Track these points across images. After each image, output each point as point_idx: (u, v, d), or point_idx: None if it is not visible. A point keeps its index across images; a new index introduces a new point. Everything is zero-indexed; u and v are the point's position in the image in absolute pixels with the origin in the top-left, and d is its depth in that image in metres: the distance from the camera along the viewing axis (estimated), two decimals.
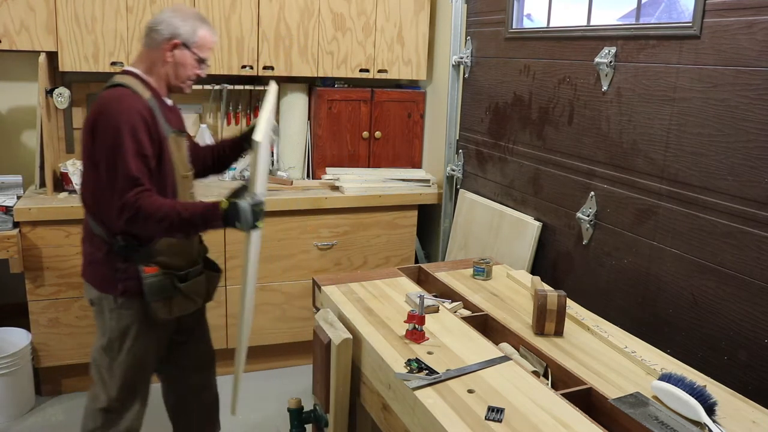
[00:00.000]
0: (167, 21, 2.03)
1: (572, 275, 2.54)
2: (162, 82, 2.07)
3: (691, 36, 1.98)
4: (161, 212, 1.87)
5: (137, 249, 1.99)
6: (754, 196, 1.80)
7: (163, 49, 2.03)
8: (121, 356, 2.08)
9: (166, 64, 2.04)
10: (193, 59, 2.06)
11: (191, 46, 2.04)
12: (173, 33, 2.02)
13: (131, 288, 2.01)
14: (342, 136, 3.61)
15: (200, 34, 2.05)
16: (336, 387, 1.86)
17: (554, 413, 1.48)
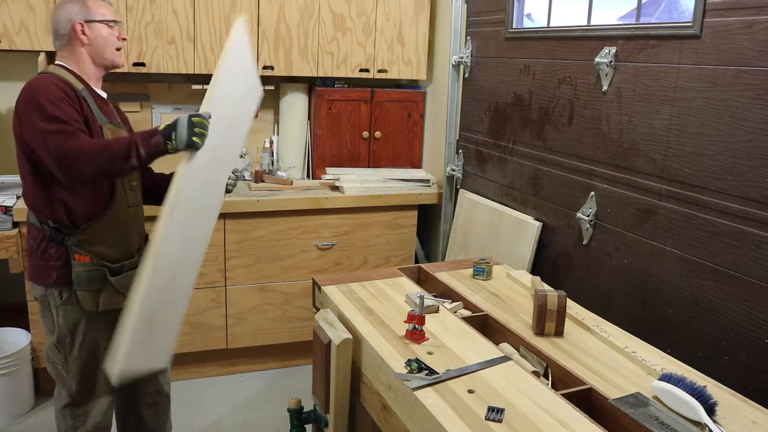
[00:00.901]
0: (59, 16, 2.07)
1: (572, 275, 2.54)
2: (92, 68, 2.10)
3: (691, 36, 1.97)
4: (96, 146, 1.86)
5: (69, 233, 1.99)
6: (754, 196, 1.80)
7: (74, 40, 2.06)
8: (74, 351, 2.08)
9: (86, 47, 2.07)
10: (105, 27, 2.08)
11: (94, 17, 2.06)
12: (70, 19, 2.05)
13: (63, 276, 2.00)
14: (342, 136, 3.61)
15: (90, 4, 2.07)
16: (336, 387, 1.85)
17: (554, 413, 1.47)
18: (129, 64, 3.10)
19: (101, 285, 2.03)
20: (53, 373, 2.15)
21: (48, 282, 2.02)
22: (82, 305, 2.03)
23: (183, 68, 3.19)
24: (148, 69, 3.13)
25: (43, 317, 2.11)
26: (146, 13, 3.07)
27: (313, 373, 2.05)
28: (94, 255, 2.02)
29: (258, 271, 3.23)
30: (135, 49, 3.10)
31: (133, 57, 3.10)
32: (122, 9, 3.03)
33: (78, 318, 2.05)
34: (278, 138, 3.61)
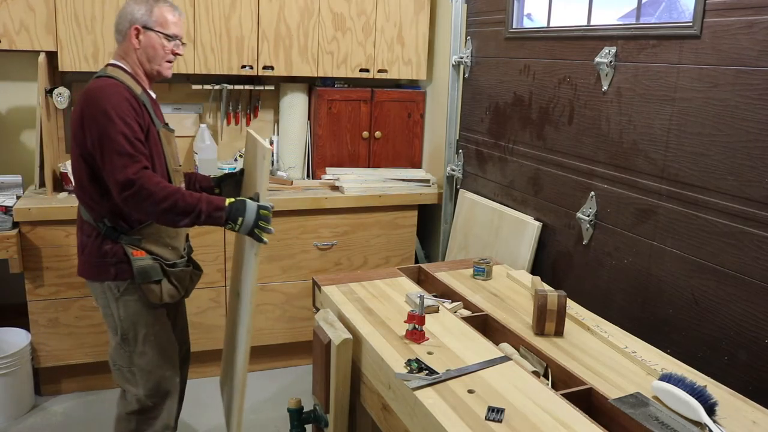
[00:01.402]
0: (124, 13, 2.07)
1: (572, 275, 2.54)
2: (141, 72, 2.10)
3: (691, 36, 1.97)
4: (164, 192, 1.87)
5: (124, 232, 2.02)
6: (754, 196, 1.80)
7: (129, 40, 2.06)
8: (138, 347, 2.07)
9: (137, 51, 2.07)
10: (160, 38, 2.07)
11: (153, 27, 2.06)
12: (131, 20, 2.05)
13: (123, 272, 2.02)
14: (342, 136, 3.61)
15: (157, 13, 2.06)
16: (336, 387, 1.85)
17: (554, 413, 1.47)
18: None
19: (161, 277, 2.06)
20: (119, 378, 2.14)
21: (106, 278, 2.04)
22: (149, 298, 2.05)
23: (183, 68, 3.19)
24: None
25: (105, 316, 2.11)
26: None
27: (313, 373, 2.05)
28: (148, 252, 2.05)
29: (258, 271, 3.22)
30: None
31: None
32: None
33: (138, 309, 2.06)
34: (278, 138, 3.61)
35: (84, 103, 1.96)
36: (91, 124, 1.92)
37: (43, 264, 2.88)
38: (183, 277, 2.15)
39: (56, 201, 2.92)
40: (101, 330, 3.03)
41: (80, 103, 1.97)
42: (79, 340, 3.00)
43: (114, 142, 1.88)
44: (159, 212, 1.90)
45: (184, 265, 2.16)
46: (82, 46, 3.01)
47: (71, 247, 2.90)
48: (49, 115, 3.02)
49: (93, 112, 1.92)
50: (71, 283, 2.93)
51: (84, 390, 3.13)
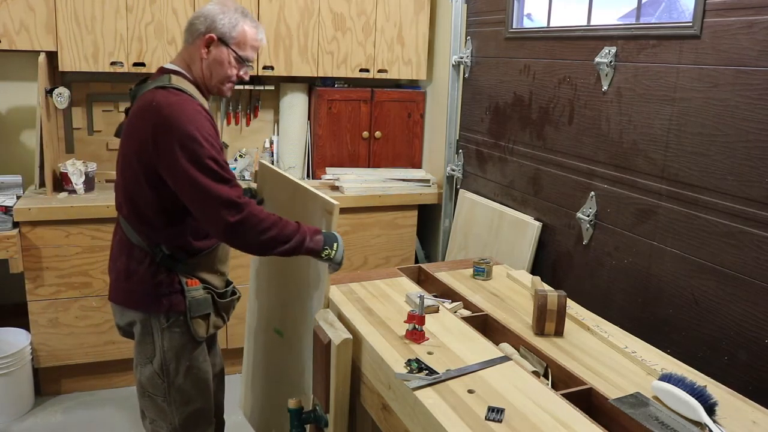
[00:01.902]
0: (205, 14, 1.87)
1: (572, 275, 2.54)
2: (202, 82, 1.91)
3: (691, 36, 1.97)
4: (270, 219, 1.75)
5: (182, 260, 1.86)
6: (754, 196, 1.80)
7: (198, 45, 1.87)
8: (179, 378, 1.92)
9: (202, 62, 1.88)
10: (232, 57, 1.88)
11: (229, 42, 1.86)
12: (209, 26, 1.85)
13: (177, 303, 1.87)
14: (342, 136, 3.61)
15: (240, 29, 1.87)
16: (336, 387, 1.85)
17: (554, 413, 1.47)
18: (129, 64, 3.11)
19: (211, 310, 1.94)
20: (151, 407, 1.97)
21: (158, 310, 1.87)
22: (198, 332, 1.92)
23: None
24: (148, 69, 3.13)
25: (141, 343, 1.92)
26: (146, 12, 3.07)
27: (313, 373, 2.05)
28: (201, 281, 1.93)
29: None
30: (135, 49, 3.10)
31: (133, 57, 3.10)
32: (122, 9, 3.03)
33: (184, 342, 1.91)
34: (278, 138, 3.61)
35: (157, 121, 1.72)
36: (172, 148, 1.70)
37: (44, 264, 2.88)
38: (229, 306, 2.04)
39: (56, 201, 2.92)
40: (101, 330, 3.03)
41: (150, 120, 1.74)
42: (79, 340, 3.00)
43: (207, 168, 1.70)
44: (263, 241, 1.77)
45: (231, 293, 2.05)
46: (82, 46, 3.01)
47: (71, 247, 2.90)
48: (49, 115, 3.02)
49: (174, 135, 1.70)
50: (71, 283, 2.94)
51: (84, 390, 3.14)
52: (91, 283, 2.97)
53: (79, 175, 3.05)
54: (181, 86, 1.82)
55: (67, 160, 3.16)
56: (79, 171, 3.05)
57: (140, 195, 1.82)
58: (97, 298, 2.99)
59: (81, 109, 3.31)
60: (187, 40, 1.90)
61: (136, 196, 1.83)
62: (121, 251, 1.90)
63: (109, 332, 3.03)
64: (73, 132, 3.33)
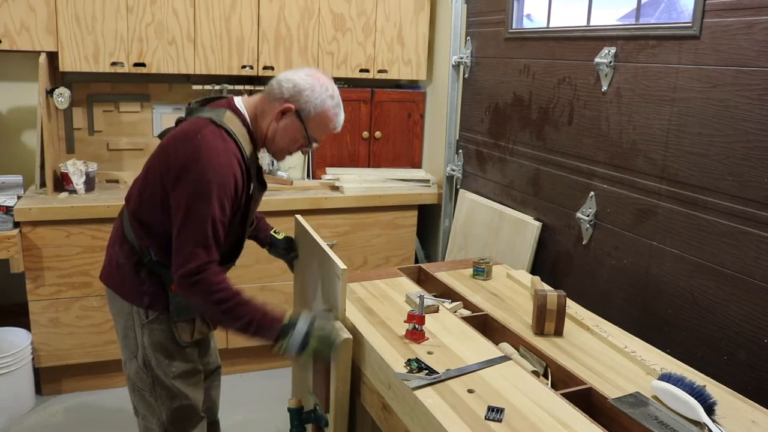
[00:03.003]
0: (295, 81, 1.82)
1: (572, 275, 2.54)
2: (261, 137, 1.88)
3: (691, 36, 1.98)
4: (221, 294, 1.72)
5: (167, 266, 1.85)
6: (754, 196, 1.80)
7: (275, 107, 1.82)
8: (162, 375, 1.92)
9: (270, 123, 1.84)
10: (302, 134, 1.84)
11: (305, 120, 1.82)
12: (293, 96, 1.81)
13: (157, 303, 1.88)
14: (342, 136, 3.61)
15: (321, 112, 1.82)
16: (336, 387, 1.86)
17: (554, 413, 1.48)
18: (129, 64, 3.11)
19: (196, 314, 1.93)
20: (139, 403, 1.99)
21: (138, 304, 1.88)
22: (182, 337, 1.91)
23: (183, 68, 3.19)
24: (148, 69, 3.14)
25: (125, 338, 1.94)
26: (146, 13, 3.07)
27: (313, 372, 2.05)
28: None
29: (258, 271, 3.23)
30: (135, 49, 3.10)
31: (134, 57, 3.11)
32: (122, 9, 3.03)
33: (163, 341, 1.91)
34: None
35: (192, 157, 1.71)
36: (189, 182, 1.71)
37: (44, 264, 2.88)
38: None
39: (57, 201, 2.92)
40: (101, 330, 3.03)
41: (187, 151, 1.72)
42: (79, 340, 3.00)
43: (200, 221, 1.70)
44: (205, 310, 1.79)
45: None
46: (83, 46, 3.02)
47: (72, 247, 2.91)
48: (50, 116, 3.02)
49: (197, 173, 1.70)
50: (72, 283, 2.94)
51: (84, 390, 3.14)
52: (92, 283, 2.97)
53: (80, 175, 3.05)
54: (231, 128, 1.78)
55: (67, 160, 3.17)
56: (79, 171, 3.06)
57: (151, 206, 1.83)
58: (98, 298, 2.99)
59: (81, 110, 3.31)
60: (268, 94, 1.85)
61: (146, 204, 1.84)
62: (116, 240, 1.93)
63: (110, 332, 3.03)
64: (73, 132, 3.33)
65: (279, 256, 2.26)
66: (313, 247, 2.05)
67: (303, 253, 2.19)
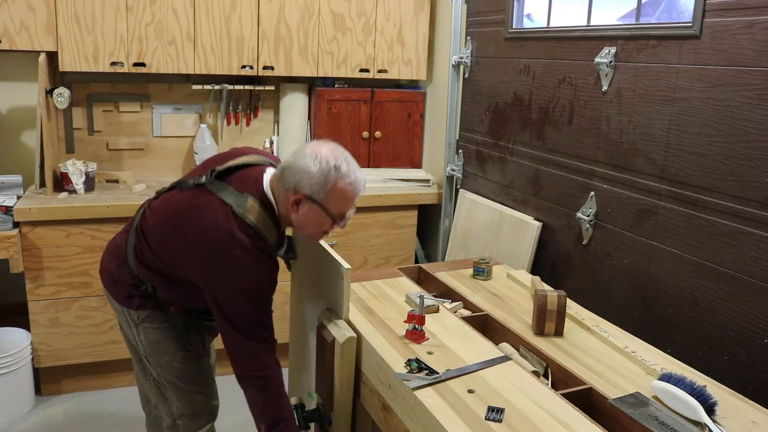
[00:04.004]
0: (296, 167, 1.69)
1: (572, 275, 2.54)
2: (286, 221, 1.81)
3: (691, 36, 1.98)
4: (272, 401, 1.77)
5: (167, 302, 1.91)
6: (754, 196, 1.80)
7: (287, 197, 1.72)
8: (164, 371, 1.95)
9: (291, 213, 1.74)
10: (324, 216, 1.72)
11: (320, 202, 1.70)
12: (297, 185, 1.69)
13: (145, 304, 1.91)
14: (342, 136, 3.61)
15: (331, 189, 1.69)
16: (340, 385, 1.86)
17: (554, 413, 1.47)
18: (129, 64, 3.11)
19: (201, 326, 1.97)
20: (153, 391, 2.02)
21: (128, 306, 1.91)
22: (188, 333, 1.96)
23: (183, 68, 3.19)
24: (148, 69, 3.13)
25: (125, 334, 2.00)
26: (146, 13, 3.07)
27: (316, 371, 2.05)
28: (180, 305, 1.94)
29: None
30: (135, 49, 3.10)
31: (134, 57, 3.11)
32: (122, 9, 3.03)
33: (158, 338, 1.93)
34: (278, 138, 3.61)
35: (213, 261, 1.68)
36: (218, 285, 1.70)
37: (44, 264, 2.88)
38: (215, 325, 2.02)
39: (56, 201, 2.92)
40: (101, 330, 3.03)
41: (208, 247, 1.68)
42: (79, 340, 3.00)
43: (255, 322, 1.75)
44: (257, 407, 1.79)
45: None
46: (83, 46, 3.02)
47: (72, 247, 2.90)
48: (50, 115, 3.02)
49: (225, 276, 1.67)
50: (72, 283, 2.94)
51: (84, 390, 3.14)
52: (92, 283, 2.97)
53: (80, 175, 3.05)
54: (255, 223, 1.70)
55: (67, 160, 3.16)
56: (79, 171, 3.06)
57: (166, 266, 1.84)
58: (98, 298, 2.99)
59: (81, 109, 3.31)
60: (278, 181, 1.75)
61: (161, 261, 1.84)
62: (115, 255, 1.95)
63: (109, 332, 3.03)
64: (73, 132, 3.33)
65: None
66: (313, 247, 2.04)
67: (302, 253, 2.19)
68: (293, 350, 2.37)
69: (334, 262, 1.86)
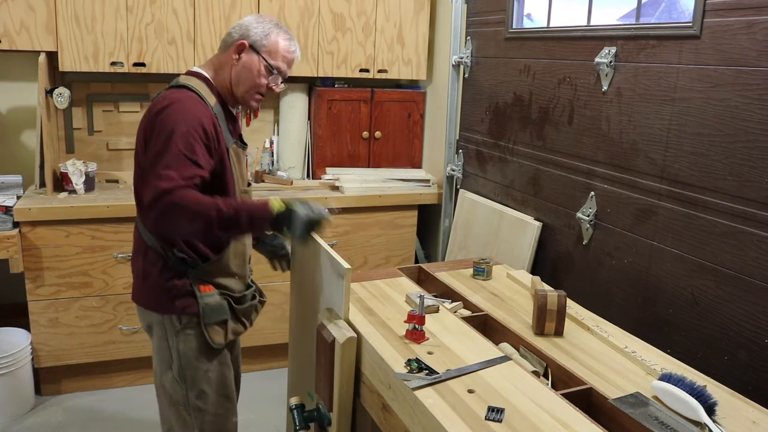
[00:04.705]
0: (241, 23, 1.93)
1: (572, 275, 2.54)
2: (227, 88, 1.92)
3: (691, 36, 1.98)
4: (199, 206, 1.66)
5: (193, 265, 1.85)
6: (754, 196, 1.80)
7: (230, 52, 1.90)
8: (198, 385, 1.89)
9: (231, 68, 1.90)
10: (262, 65, 1.90)
11: (260, 50, 1.89)
12: (243, 34, 1.90)
13: (190, 306, 1.85)
14: (342, 136, 3.61)
15: (273, 39, 1.91)
16: (340, 385, 1.85)
17: (554, 413, 1.47)
18: (129, 64, 3.11)
19: (228, 316, 1.91)
20: (174, 417, 1.94)
21: (171, 312, 1.86)
22: (214, 339, 1.88)
23: (183, 68, 3.18)
24: (148, 69, 3.13)
25: (159, 349, 1.91)
26: (146, 13, 3.07)
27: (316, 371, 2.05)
28: (216, 285, 1.90)
29: (258, 271, 3.19)
30: (135, 49, 3.10)
31: (133, 57, 3.11)
32: (122, 9, 3.03)
33: (200, 345, 1.88)
34: (278, 138, 3.61)
35: (155, 114, 1.76)
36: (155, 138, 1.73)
37: (44, 264, 2.88)
38: (249, 311, 2.01)
39: (56, 201, 2.92)
40: (101, 330, 3.03)
41: (152, 112, 1.78)
42: (79, 340, 3.00)
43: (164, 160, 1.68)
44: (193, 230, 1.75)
45: (251, 298, 2.01)
46: (83, 46, 3.02)
47: (71, 247, 2.90)
48: (50, 116, 3.02)
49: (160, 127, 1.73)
50: (72, 283, 2.94)
51: (84, 390, 3.14)
52: (91, 283, 2.97)
53: (80, 175, 3.05)
54: (188, 83, 1.85)
55: (67, 160, 3.17)
56: (79, 171, 3.06)
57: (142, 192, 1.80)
58: (97, 298, 2.99)
59: (81, 109, 3.31)
60: (220, 48, 1.95)
61: (139, 194, 1.83)
62: (138, 251, 1.92)
63: (109, 332, 3.03)
64: (73, 132, 3.33)
65: (264, 252, 2.21)
66: (312, 247, 2.04)
67: (302, 253, 2.19)
68: (293, 350, 2.37)
69: (334, 262, 1.86)
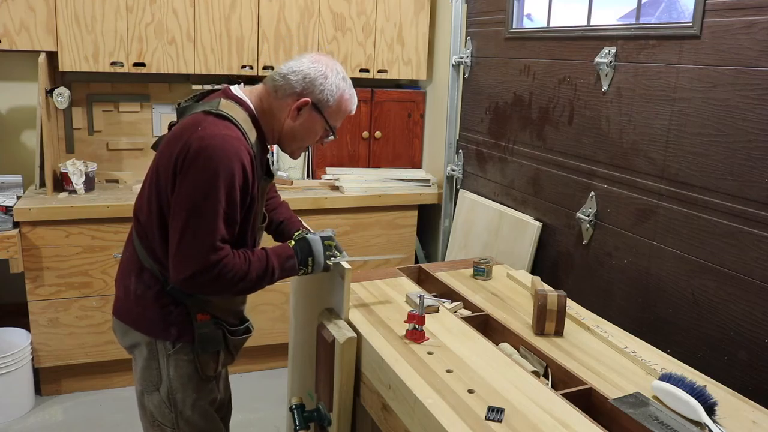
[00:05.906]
0: (305, 73, 1.68)
1: (572, 275, 2.54)
2: (272, 132, 1.75)
3: (691, 36, 1.98)
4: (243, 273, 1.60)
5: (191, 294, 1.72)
6: (754, 196, 1.80)
7: (287, 104, 1.69)
8: (187, 410, 1.80)
9: (285, 122, 1.71)
10: (322, 126, 1.73)
11: (323, 110, 1.71)
12: (307, 89, 1.68)
13: (185, 333, 1.74)
14: (342, 136, 3.61)
15: (338, 98, 1.71)
16: (340, 386, 1.85)
17: (554, 413, 1.47)
18: (129, 64, 3.11)
19: (221, 346, 1.81)
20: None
21: (165, 338, 1.74)
22: (205, 370, 1.79)
23: (183, 68, 3.19)
24: (148, 69, 3.13)
25: (146, 369, 1.78)
26: (146, 13, 3.07)
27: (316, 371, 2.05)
28: (212, 315, 1.78)
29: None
30: (135, 49, 3.10)
31: (133, 57, 3.11)
32: (122, 9, 3.03)
33: (190, 372, 1.78)
34: None
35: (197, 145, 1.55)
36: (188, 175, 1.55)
37: (44, 264, 2.88)
38: (240, 344, 1.90)
39: (56, 201, 2.92)
40: (101, 330, 3.03)
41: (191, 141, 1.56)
42: (79, 340, 3.00)
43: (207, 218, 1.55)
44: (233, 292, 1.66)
45: (244, 331, 1.90)
46: (83, 46, 3.02)
47: (71, 247, 2.90)
48: (50, 116, 3.02)
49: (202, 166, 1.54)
50: (71, 283, 2.94)
51: (84, 390, 3.14)
52: (91, 283, 2.97)
53: (80, 175, 3.05)
54: (230, 114, 1.63)
55: (67, 160, 3.17)
56: (79, 171, 3.06)
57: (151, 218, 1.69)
58: (97, 298, 2.99)
59: (81, 109, 3.31)
60: (275, 90, 1.70)
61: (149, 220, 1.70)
62: (131, 270, 1.76)
63: (109, 332, 3.02)
64: (73, 132, 3.33)
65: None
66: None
67: None
68: (293, 350, 2.37)
69: (336, 262, 1.86)
